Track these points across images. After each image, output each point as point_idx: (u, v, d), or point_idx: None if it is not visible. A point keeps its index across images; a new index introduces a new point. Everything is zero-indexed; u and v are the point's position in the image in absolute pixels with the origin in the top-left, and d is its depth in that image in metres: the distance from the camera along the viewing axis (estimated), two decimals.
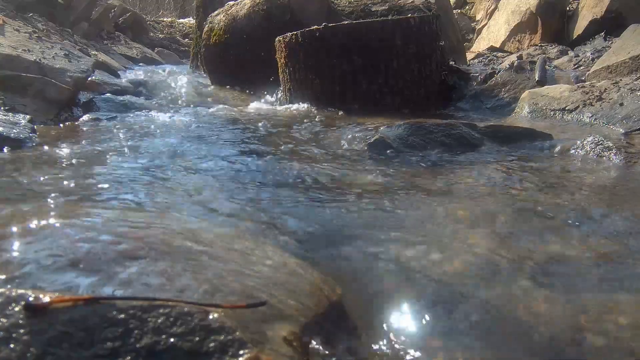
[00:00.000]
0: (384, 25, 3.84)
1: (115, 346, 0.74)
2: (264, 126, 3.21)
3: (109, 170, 2.01)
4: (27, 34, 4.86)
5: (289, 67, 4.05)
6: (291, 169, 2.13)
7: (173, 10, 17.67)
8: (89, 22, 7.86)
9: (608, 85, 3.24)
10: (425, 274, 1.20)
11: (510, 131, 2.73)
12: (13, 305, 0.76)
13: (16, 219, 1.29)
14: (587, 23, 6.48)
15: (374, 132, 2.67)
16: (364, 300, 1.13)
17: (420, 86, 3.90)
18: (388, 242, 1.40)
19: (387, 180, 1.99)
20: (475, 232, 1.46)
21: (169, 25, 11.83)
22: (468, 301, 1.10)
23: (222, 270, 1.04)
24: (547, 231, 1.46)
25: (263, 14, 4.99)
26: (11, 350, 0.71)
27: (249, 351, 0.76)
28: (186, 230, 1.28)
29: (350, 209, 1.64)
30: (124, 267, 0.96)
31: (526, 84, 3.89)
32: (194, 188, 1.81)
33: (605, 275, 1.22)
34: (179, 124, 3.21)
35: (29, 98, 3.52)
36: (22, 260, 0.97)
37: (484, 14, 9.13)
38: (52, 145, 2.49)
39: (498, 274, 1.21)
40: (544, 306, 1.08)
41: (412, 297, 1.11)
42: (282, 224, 1.50)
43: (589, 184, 1.94)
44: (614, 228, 1.49)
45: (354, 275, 1.24)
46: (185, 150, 2.45)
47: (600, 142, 2.33)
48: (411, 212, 1.62)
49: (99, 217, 1.33)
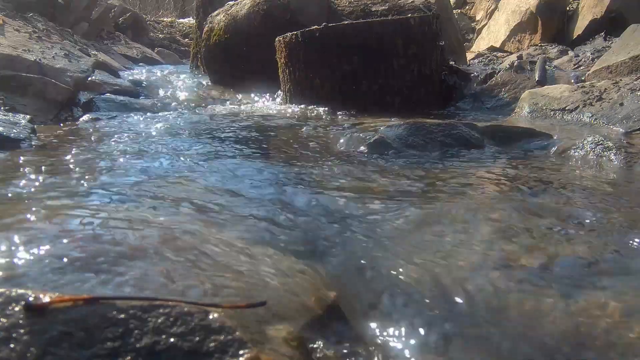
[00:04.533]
0: (384, 25, 3.84)
1: (115, 346, 0.74)
2: (264, 126, 3.21)
3: (108, 171, 2.01)
4: (27, 34, 4.87)
5: (289, 67, 4.05)
6: (291, 169, 2.13)
7: (173, 10, 17.67)
8: (89, 22, 7.86)
9: (608, 85, 3.24)
10: (426, 274, 1.20)
11: (510, 131, 2.73)
12: (13, 305, 0.76)
13: (16, 219, 1.29)
14: (587, 23, 6.49)
15: (374, 132, 2.67)
16: (363, 301, 1.13)
17: (420, 86, 3.90)
18: (388, 243, 1.40)
19: (387, 180, 1.99)
20: (476, 232, 1.46)
21: (169, 25, 11.82)
22: (467, 301, 1.10)
23: (222, 270, 1.04)
24: (547, 231, 1.46)
25: (263, 14, 4.99)
26: (11, 350, 0.71)
27: (249, 351, 0.76)
28: (186, 230, 1.28)
29: (350, 209, 1.64)
30: (124, 267, 0.96)
31: (526, 84, 3.89)
32: (194, 188, 1.81)
33: (605, 276, 1.22)
34: (178, 124, 3.21)
35: (29, 98, 3.53)
36: (22, 260, 0.97)
37: (484, 14, 9.14)
38: (52, 145, 2.49)
39: (498, 274, 1.21)
40: (543, 306, 1.08)
41: (412, 298, 1.11)
42: (282, 224, 1.50)
43: (589, 184, 1.94)
44: (614, 228, 1.49)
45: (354, 275, 1.24)
46: (185, 151, 2.45)
47: (600, 142, 2.33)
48: (411, 212, 1.62)
49: (99, 217, 1.33)
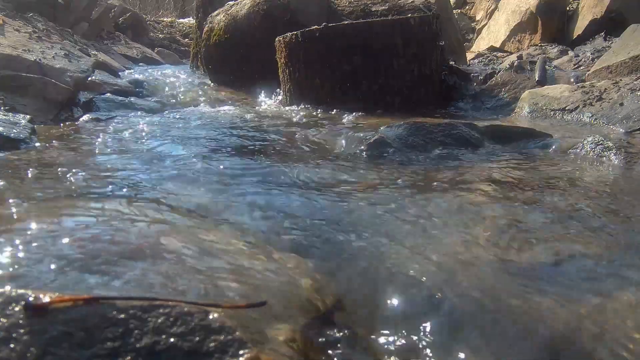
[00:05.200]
0: (384, 25, 3.84)
1: (115, 346, 0.74)
2: (264, 126, 3.21)
3: (108, 171, 2.01)
4: (27, 34, 4.86)
5: (289, 67, 4.05)
6: (291, 169, 2.13)
7: (173, 10, 17.66)
8: (89, 22, 7.86)
9: (608, 85, 3.24)
10: (425, 274, 1.20)
11: (510, 131, 2.73)
12: (13, 305, 0.76)
13: (16, 219, 1.29)
14: (587, 23, 6.49)
15: (374, 132, 2.67)
16: (363, 301, 1.13)
17: (420, 86, 3.90)
18: (388, 243, 1.40)
19: (387, 180, 1.99)
20: (476, 232, 1.46)
21: (169, 25, 11.81)
22: (465, 302, 1.10)
23: (222, 270, 1.04)
24: (547, 231, 1.46)
25: (263, 14, 4.98)
26: (11, 350, 0.71)
27: (249, 351, 0.76)
28: (186, 230, 1.28)
29: (350, 210, 1.64)
30: (124, 267, 0.96)
31: (526, 84, 3.89)
32: (194, 188, 1.81)
33: (605, 275, 1.22)
34: (178, 124, 3.21)
35: (29, 98, 3.52)
36: (22, 260, 0.97)
37: (484, 14, 9.14)
38: (52, 146, 2.49)
39: (498, 274, 1.21)
40: (542, 306, 1.08)
41: (412, 298, 1.11)
42: (282, 224, 1.50)
43: (589, 184, 1.94)
44: (614, 228, 1.49)
45: (354, 275, 1.24)
46: (185, 151, 2.45)
47: (600, 142, 2.33)
48: (411, 212, 1.62)
49: (99, 217, 1.33)
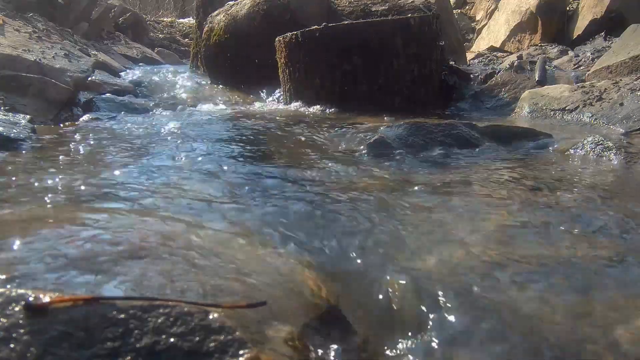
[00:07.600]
0: (383, 25, 3.84)
1: (115, 346, 0.74)
2: (264, 126, 3.21)
3: (108, 171, 2.01)
4: (27, 34, 4.87)
5: (289, 67, 4.05)
6: (291, 169, 2.13)
7: (173, 10, 17.65)
8: (89, 22, 7.85)
9: (608, 85, 3.24)
10: (425, 274, 1.20)
11: (510, 131, 2.73)
12: (13, 305, 0.76)
13: (16, 219, 1.29)
14: (587, 23, 6.49)
15: (374, 132, 2.67)
16: (363, 301, 1.13)
17: (420, 86, 3.90)
18: (388, 243, 1.40)
19: (387, 180, 1.99)
20: (476, 232, 1.46)
21: (169, 25, 11.80)
22: (465, 302, 1.10)
23: (222, 270, 1.04)
24: (547, 231, 1.46)
25: (263, 14, 4.99)
26: (11, 350, 0.71)
27: (249, 351, 0.76)
28: (186, 230, 1.28)
29: (350, 210, 1.64)
30: (124, 267, 0.96)
31: (526, 84, 3.89)
32: (194, 189, 1.81)
33: (605, 275, 1.22)
34: (178, 124, 3.21)
35: (29, 98, 3.53)
36: (22, 260, 0.97)
37: (484, 14, 9.14)
38: (51, 146, 2.49)
39: (498, 274, 1.21)
40: (541, 305, 1.08)
41: (412, 298, 1.11)
42: (282, 225, 1.50)
43: (589, 184, 1.94)
44: (614, 228, 1.49)
45: (354, 276, 1.24)
46: (184, 151, 2.45)
47: (600, 142, 2.33)
48: (411, 212, 1.62)
49: (99, 217, 1.33)
